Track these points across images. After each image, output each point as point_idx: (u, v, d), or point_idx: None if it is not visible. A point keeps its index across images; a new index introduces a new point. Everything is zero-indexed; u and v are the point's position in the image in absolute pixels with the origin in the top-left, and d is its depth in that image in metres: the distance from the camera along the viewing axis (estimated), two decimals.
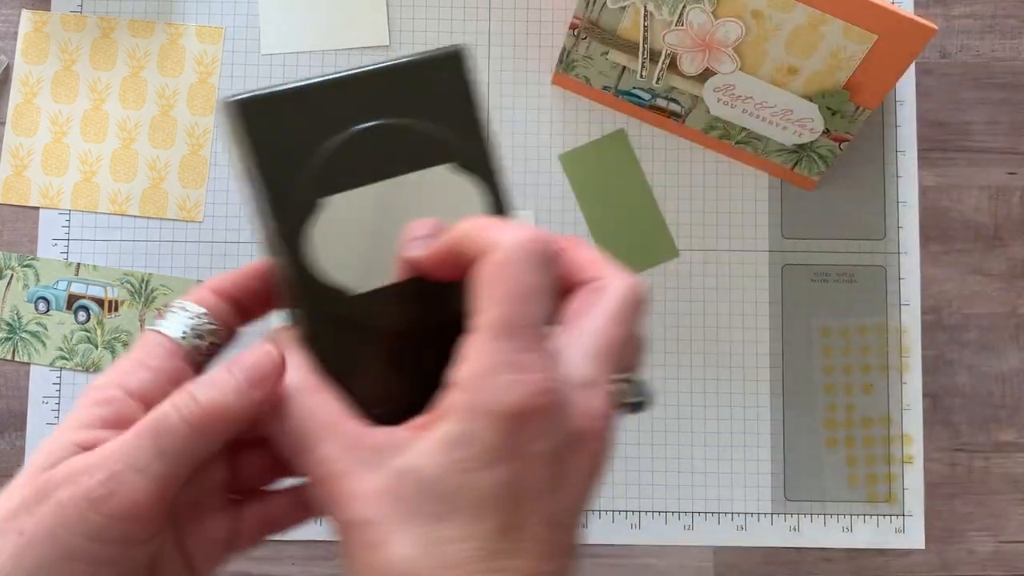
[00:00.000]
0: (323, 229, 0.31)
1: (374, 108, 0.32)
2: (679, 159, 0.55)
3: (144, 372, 0.28)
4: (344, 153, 0.32)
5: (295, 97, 0.32)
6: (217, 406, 0.26)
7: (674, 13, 0.48)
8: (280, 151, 0.31)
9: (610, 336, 0.27)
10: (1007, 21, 0.57)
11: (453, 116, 0.32)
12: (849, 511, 0.53)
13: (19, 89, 0.55)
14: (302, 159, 0.31)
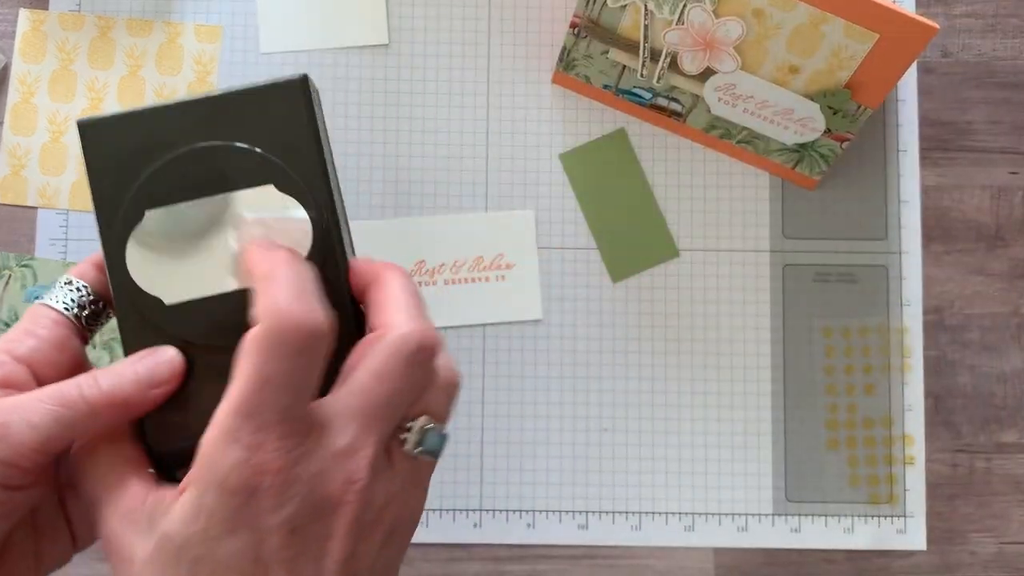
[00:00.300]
0: (140, 240, 0.33)
1: (206, 131, 0.34)
2: (679, 159, 0.55)
3: (31, 340, 0.31)
4: (168, 171, 0.33)
5: (133, 119, 0.34)
6: (116, 395, 0.30)
7: (675, 12, 0.48)
8: (114, 168, 0.33)
9: (372, 395, 0.28)
10: (1009, 20, 0.56)
11: (286, 140, 0.34)
12: (850, 512, 0.53)
13: (17, 88, 0.54)
14: (133, 176, 0.33)
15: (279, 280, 0.28)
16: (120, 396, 0.30)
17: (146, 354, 0.31)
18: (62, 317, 0.32)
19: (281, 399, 0.27)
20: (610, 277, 0.54)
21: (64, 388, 0.29)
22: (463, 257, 0.54)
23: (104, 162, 0.34)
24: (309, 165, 0.34)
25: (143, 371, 0.31)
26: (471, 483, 0.53)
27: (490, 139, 0.55)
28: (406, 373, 0.29)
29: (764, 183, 0.55)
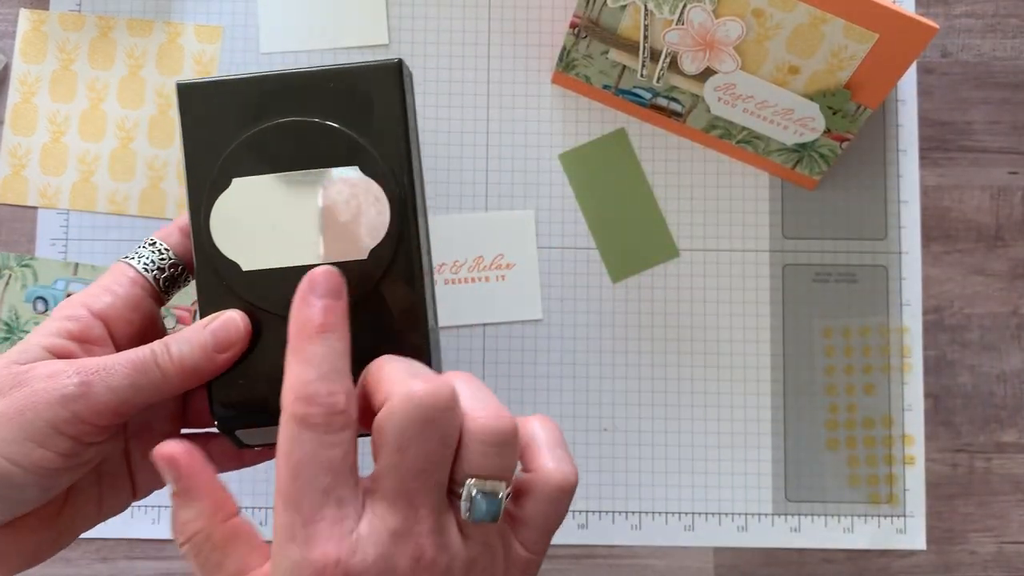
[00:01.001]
0: (224, 206, 0.34)
1: (300, 106, 0.34)
2: (679, 159, 0.55)
3: (108, 296, 0.33)
4: (258, 141, 0.34)
5: (231, 86, 0.35)
6: (186, 362, 0.31)
7: (674, 12, 0.48)
8: (207, 133, 0.34)
9: (401, 470, 0.28)
10: (1009, 20, 0.57)
11: (375, 123, 0.34)
12: (850, 512, 0.53)
13: (17, 88, 0.55)
14: (224, 142, 0.34)
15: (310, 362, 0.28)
16: (190, 363, 0.31)
17: (213, 319, 0.32)
18: (140, 277, 0.34)
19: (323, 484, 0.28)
20: (610, 277, 0.54)
21: (141, 355, 0.31)
22: (463, 257, 0.54)
23: (198, 126, 0.34)
24: (395, 150, 0.34)
25: (210, 338, 0.32)
26: None
27: (490, 139, 0.55)
28: (424, 437, 0.28)
29: (764, 183, 0.55)
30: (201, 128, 0.34)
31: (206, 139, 0.34)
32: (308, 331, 0.29)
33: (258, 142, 0.34)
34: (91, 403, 0.30)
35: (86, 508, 0.34)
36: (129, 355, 0.31)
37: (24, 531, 0.32)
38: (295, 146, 0.34)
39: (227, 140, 0.34)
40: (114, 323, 0.33)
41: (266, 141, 0.34)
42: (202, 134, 0.34)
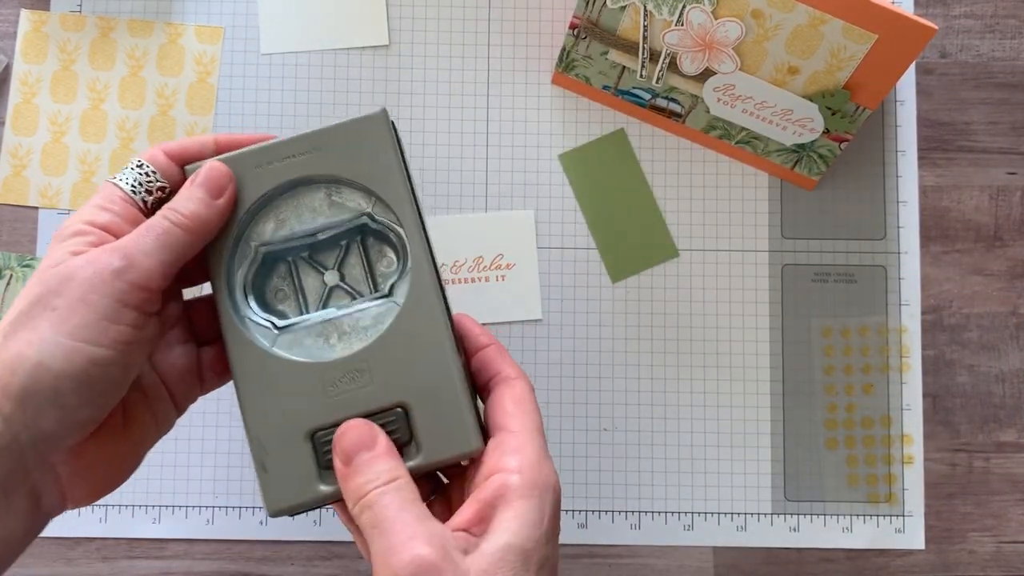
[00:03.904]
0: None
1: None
2: (679, 159, 0.55)
3: (106, 214, 0.35)
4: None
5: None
6: (195, 215, 0.35)
7: (674, 13, 0.48)
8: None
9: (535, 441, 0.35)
10: (1007, 21, 0.57)
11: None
12: (849, 511, 0.53)
13: (18, 89, 0.55)
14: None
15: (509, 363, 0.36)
16: (198, 215, 0.35)
17: (196, 176, 0.36)
18: (129, 197, 0.36)
19: None
20: (610, 277, 0.55)
21: (154, 223, 0.34)
22: (463, 257, 0.54)
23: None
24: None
25: (201, 190, 0.35)
26: None
27: (490, 139, 0.55)
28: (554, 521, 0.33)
29: (763, 183, 0.55)
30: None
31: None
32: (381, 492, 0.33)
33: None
34: (138, 270, 0.33)
35: (143, 420, 0.36)
36: (143, 227, 0.34)
37: (102, 443, 0.34)
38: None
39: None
40: (116, 236, 0.35)
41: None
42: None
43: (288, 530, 0.53)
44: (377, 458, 0.33)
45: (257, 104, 0.55)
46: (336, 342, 0.36)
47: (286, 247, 0.37)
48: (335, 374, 0.35)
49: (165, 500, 0.53)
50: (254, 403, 0.35)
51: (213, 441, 0.53)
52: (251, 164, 0.37)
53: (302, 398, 0.35)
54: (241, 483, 0.53)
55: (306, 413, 0.35)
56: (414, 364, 0.35)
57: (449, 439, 0.34)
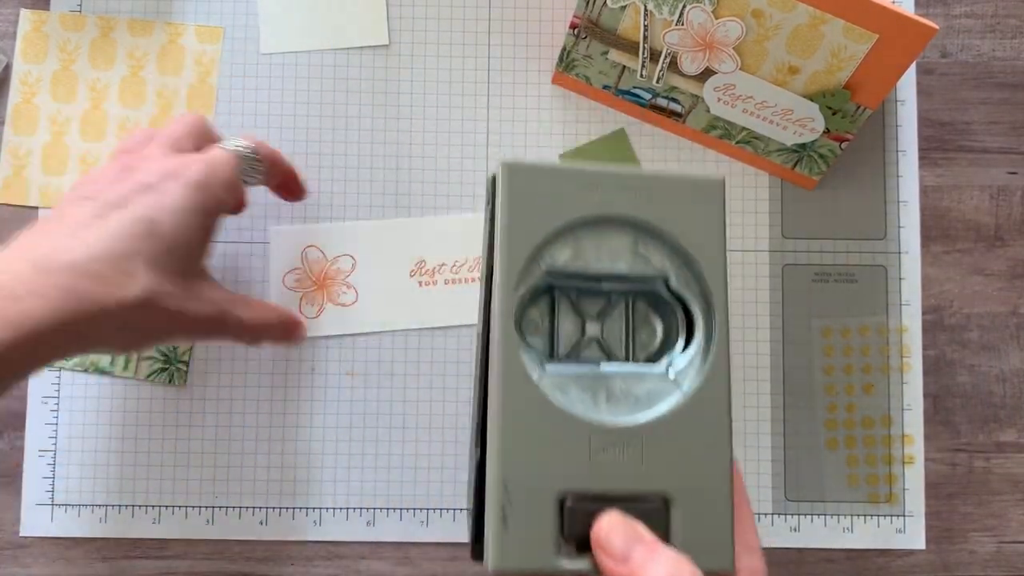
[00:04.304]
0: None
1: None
2: (679, 159, 0.55)
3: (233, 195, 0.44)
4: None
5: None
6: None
7: (674, 12, 0.48)
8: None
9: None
10: (1008, 21, 0.57)
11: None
12: (850, 511, 0.53)
13: (18, 89, 0.55)
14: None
15: None
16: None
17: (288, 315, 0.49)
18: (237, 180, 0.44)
19: None
20: None
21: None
22: (463, 257, 0.54)
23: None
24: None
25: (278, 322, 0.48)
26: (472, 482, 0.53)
27: (490, 139, 0.55)
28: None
29: (764, 183, 0.55)
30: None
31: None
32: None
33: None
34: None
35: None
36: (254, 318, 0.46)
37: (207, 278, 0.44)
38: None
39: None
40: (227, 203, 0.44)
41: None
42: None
43: (288, 530, 0.53)
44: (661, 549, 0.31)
45: (257, 104, 0.55)
46: (603, 403, 0.34)
47: (567, 281, 0.35)
48: (605, 440, 0.32)
49: (165, 500, 0.53)
50: (513, 443, 0.32)
51: (213, 441, 0.53)
52: (578, 183, 0.34)
53: (565, 456, 0.32)
54: (241, 483, 0.53)
55: (566, 474, 0.32)
56: (689, 459, 0.32)
57: (706, 549, 0.32)
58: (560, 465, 0.32)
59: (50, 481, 0.52)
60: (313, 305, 0.53)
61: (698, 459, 0.32)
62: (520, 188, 0.34)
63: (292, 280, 0.53)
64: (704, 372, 0.33)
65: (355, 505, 0.53)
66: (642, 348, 0.36)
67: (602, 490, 0.32)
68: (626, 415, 0.33)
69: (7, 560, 0.52)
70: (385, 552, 0.53)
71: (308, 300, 0.53)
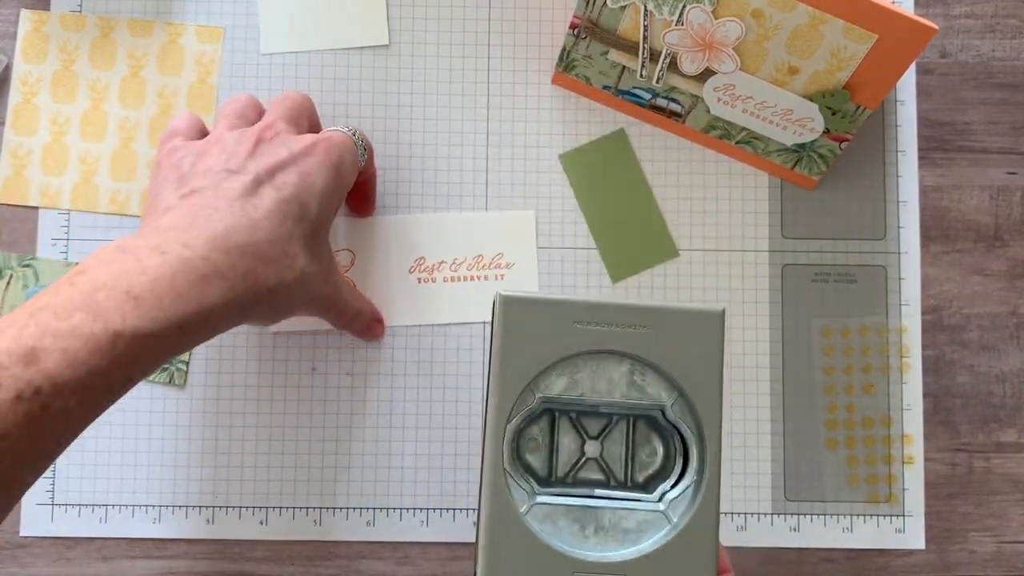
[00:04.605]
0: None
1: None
2: (679, 159, 0.55)
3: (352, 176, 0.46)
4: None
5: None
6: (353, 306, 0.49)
7: (674, 13, 0.48)
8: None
9: None
10: (1008, 21, 0.57)
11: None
12: (849, 511, 0.53)
13: (18, 89, 0.55)
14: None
15: None
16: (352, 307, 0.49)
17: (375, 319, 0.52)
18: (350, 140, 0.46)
19: None
20: (610, 277, 0.55)
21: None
22: (462, 255, 0.54)
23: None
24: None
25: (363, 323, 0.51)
26: (472, 482, 0.53)
27: (490, 139, 0.55)
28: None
29: (763, 183, 0.55)
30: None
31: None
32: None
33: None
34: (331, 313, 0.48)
35: None
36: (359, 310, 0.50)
37: None
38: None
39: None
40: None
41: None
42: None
43: (288, 530, 0.53)
44: None
45: None
46: (591, 535, 0.34)
47: (564, 406, 0.36)
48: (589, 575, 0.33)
49: (165, 500, 0.53)
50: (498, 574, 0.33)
51: (213, 441, 0.53)
52: (572, 316, 0.35)
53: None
54: (241, 483, 0.53)
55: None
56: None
57: None
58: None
59: (50, 481, 0.52)
60: None
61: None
62: (516, 321, 0.35)
63: None
64: (695, 507, 0.34)
65: (355, 505, 0.53)
66: (642, 468, 0.36)
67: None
68: (614, 549, 0.34)
69: (7, 560, 0.52)
70: (385, 552, 0.53)
71: None
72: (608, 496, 0.35)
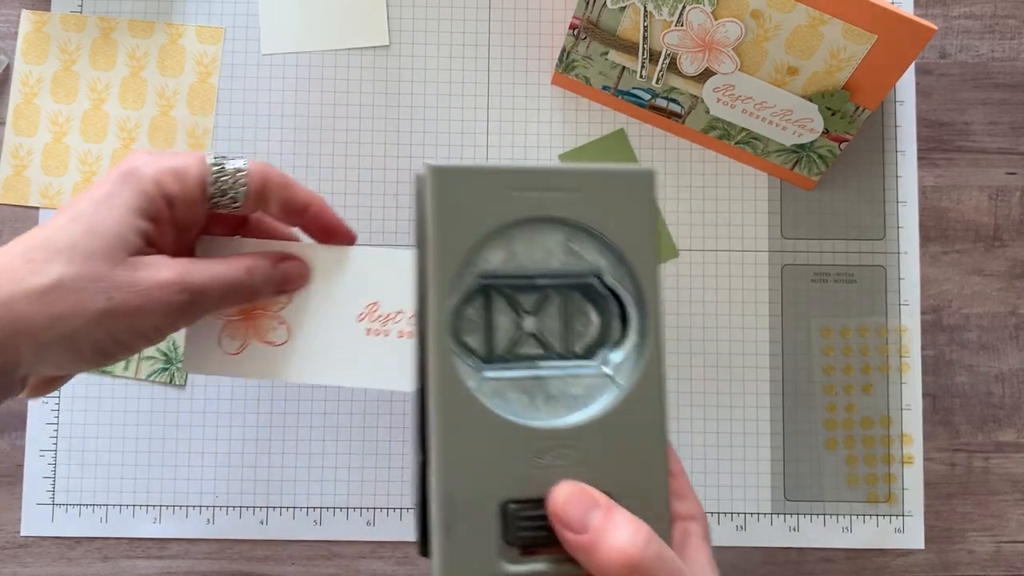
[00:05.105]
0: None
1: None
2: (679, 159, 0.55)
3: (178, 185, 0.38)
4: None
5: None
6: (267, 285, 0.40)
7: (674, 13, 0.48)
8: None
9: None
10: (1007, 21, 0.57)
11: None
12: (849, 511, 0.53)
13: (19, 89, 0.55)
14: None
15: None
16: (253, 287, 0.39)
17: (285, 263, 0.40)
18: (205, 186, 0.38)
19: None
20: None
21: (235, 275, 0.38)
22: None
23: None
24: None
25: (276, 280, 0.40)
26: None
27: (490, 139, 0.55)
28: None
29: (763, 183, 0.55)
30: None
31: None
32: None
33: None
34: (196, 305, 0.37)
35: None
36: (224, 276, 0.38)
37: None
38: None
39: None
40: (177, 207, 0.38)
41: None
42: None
43: (288, 530, 0.53)
44: (617, 513, 0.31)
45: (258, 104, 0.55)
46: (542, 405, 0.34)
47: (501, 282, 0.35)
48: (544, 444, 0.32)
49: (165, 500, 0.53)
50: (454, 455, 0.32)
51: (213, 441, 0.53)
52: (507, 184, 0.34)
53: (505, 463, 0.32)
54: (241, 483, 0.53)
55: (506, 481, 0.32)
56: (628, 456, 0.33)
57: None
58: (501, 472, 0.32)
59: (51, 481, 0.53)
60: (235, 339, 0.42)
61: (636, 455, 0.33)
62: (448, 193, 0.33)
63: None
64: (640, 368, 0.34)
65: (355, 505, 0.53)
66: (579, 339, 0.36)
67: (543, 493, 0.32)
68: (564, 416, 0.33)
69: (8, 559, 0.52)
70: (385, 552, 0.53)
71: (230, 331, 0.42)
72: (553, 367, 0.34)
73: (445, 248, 0.33)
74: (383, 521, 0.53)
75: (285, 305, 0.42)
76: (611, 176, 0.34)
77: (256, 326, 0.42)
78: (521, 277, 0.35)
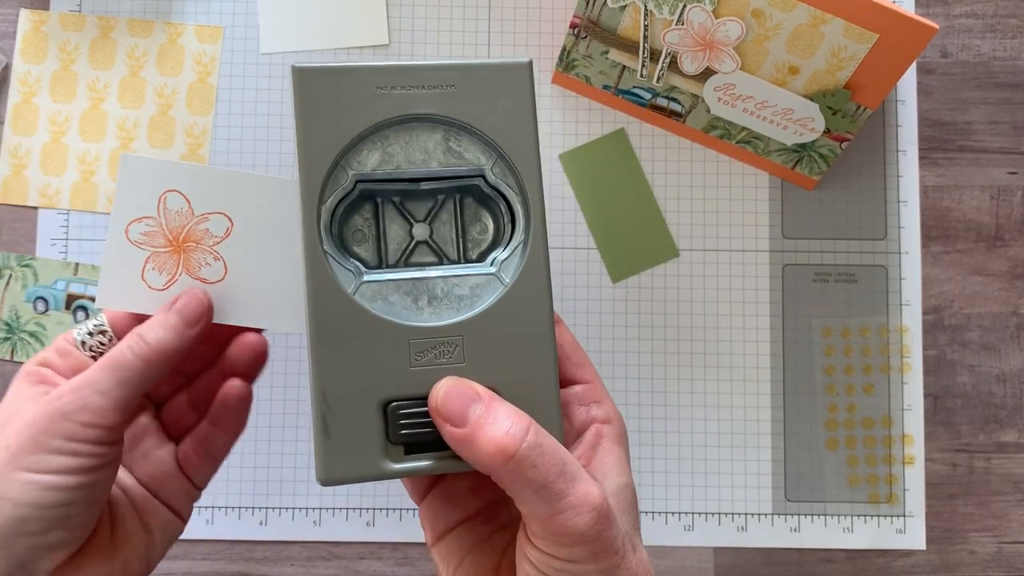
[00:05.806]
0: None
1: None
2: (679, 159, 0.55)
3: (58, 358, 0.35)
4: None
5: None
6: (162, 344, 0.34)
7: (674, 12, 0.48)
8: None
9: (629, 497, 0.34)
10: (1008, 21, 0.57)
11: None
12: (850, 512, 0.53)
13: (18, 89, 0.55)
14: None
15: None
16: (166, 346, 0.34)
17: (173, 302, 0.35)
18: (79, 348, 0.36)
19: None
20: (610, 277, 0.54)
21: (117, 354, 0.34)
22: None
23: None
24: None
25: (178, 317, 0.35)
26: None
27: None
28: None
29: (764, 183, 0.55)
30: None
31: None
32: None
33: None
34: (91, 411, 0.32)
35: (134, 534, 0.36)
36: (106, 359, 0.34)
37: (88, 562, 0.34)
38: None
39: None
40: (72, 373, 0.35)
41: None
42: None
43: (288, 530, 0.52)
44: (498, 405, 0.31)
45: (257, 104, 0.55)
46: (425, 306, 0.33)
47: (383, 186, 0.34)
48: (424, 343, 0.32)
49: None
50: (328, 355, 0.31)
51: None
52: (374, 81, 0.32)
53: (385, 362, 0.32)
54: (241, 483, 0.53)
55: (386, 380, 0.32)
56: (513, 349, 0.32)
57: None
58: (381, 372, 0.32)
59: None
60: (162, 273, 0.37)
61: (521, 349, 0.32)
62: (315, 93, 0.32)
63: (139, 232, 0.37)
64: (523, 263, 0.33)
65: (355, 505, 0.53)
66: (475, 246, 0.35)
67: (426, 392, 0.32)
68: (448, 316, 0.33)
69: None
70: (385, 552, 0.53)
71: (157, 264, 0.37)
72: (441, 270, 0.34)
73: (310, 148, 0.32)
74: (382, 521, 0.53)
75: (222, 240, 0.38)
76: (484, 69, 0.33)
77: (187, 259, 0.38)
78: (401, 180, 0.34)
